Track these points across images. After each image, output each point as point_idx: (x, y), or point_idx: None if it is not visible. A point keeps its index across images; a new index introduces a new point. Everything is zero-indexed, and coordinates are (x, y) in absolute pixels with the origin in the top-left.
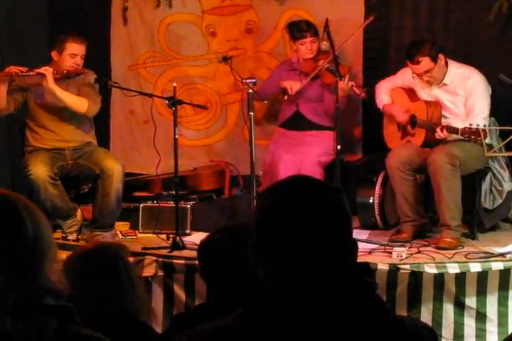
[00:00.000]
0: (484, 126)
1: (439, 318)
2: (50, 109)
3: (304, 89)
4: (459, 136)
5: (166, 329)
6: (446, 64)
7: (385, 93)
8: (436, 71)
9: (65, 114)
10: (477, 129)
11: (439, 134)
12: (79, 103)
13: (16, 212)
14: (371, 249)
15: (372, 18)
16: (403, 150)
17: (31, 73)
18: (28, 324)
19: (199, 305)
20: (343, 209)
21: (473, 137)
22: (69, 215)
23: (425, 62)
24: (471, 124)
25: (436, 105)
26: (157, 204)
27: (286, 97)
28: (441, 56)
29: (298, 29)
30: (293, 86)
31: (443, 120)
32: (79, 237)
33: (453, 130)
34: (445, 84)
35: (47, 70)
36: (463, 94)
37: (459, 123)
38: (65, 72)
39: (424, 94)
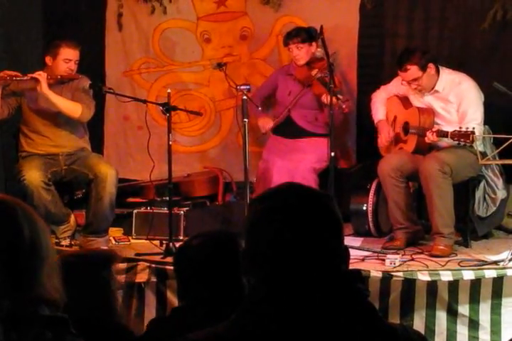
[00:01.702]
0: (473, 129)
1: (432, 326)
2: (43, 114)
3: (300, 95)
4: (449, 140)
5: (144, 333)
6: (438, 72)
7: (380, 104)
8: (424, 80)
9: (59, 120)
10: (466, 132)
11: (429, 137)
12: (73, 108)
13: (14, 216)
14: (364, 256)
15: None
16: (395, 157)
17: (25, 78)
18: (22, 334)
19: (174, 309)
20: (334, 216)
21: (462, 140)
22: (62, 221)
23: (413, 70)
24: (460, 127)
25: (429, 112)
26: (150, 210)
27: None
28: (431, 65)
29: (285, 36)
30: (266, 125)
31: (436, 127)
32: (72, 243)
33: (443, 133)
34: (437, 91)
35: (40, 75)
36: (455, 101)
37: (451, 129)
38: (58, 77)
39: (417, 101)
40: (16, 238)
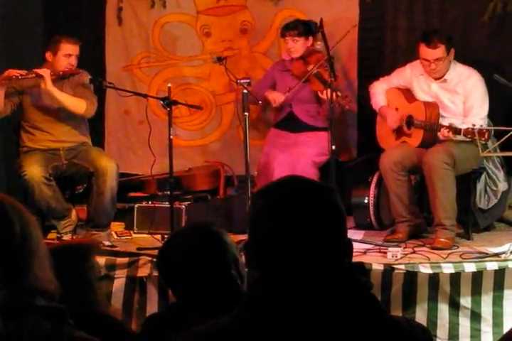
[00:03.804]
0: (481, 126)
1: (434, 318)
2: (45, 110)
3: (297, 90)
4: (461, 137)
5: (140, 331)
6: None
7: (380, 94)
8: (445, 63)
9: (60, 115)
10: (481, 130)
11: (443, 134)
12: (77, 104)
13: (3, 211)
14: (366, 249)
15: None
16: (396, 150)
17: (30, 76)
18: (20, 324)
19: (169, 305)
20: (337, 209)
21: (475, 138)
22: (64, 216)
23: (441, 49)
24: (474, 125)
25: (434, 106)
26: (152, 205)
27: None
28: (452, 51)
29: (283, 27)
30: (276, 98)
31: (441, 119)
32: (74, 237)
33: (455, 130)
34: (445, 80)
35: (45, 72)
36: (462, 93)
37: (458, 124)
38: (61, 73)
39: (422, 92)
40: (7, 232)
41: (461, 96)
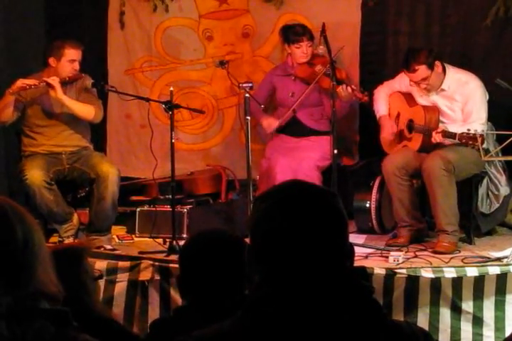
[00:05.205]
0: (482, 131)
1: (436, 323)
2: (47, 115)
3: (308, 93)
4: (456, 141)
5: (146, 336)
6: (444, 70)
7: (382, 99)
8: (433, 78)
9: (62, 120)
10: (474, 135)
11: (435, 138)
12: (86, 110)
13: (5, 215)
14: (368, 254)
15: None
16: (399, 155)
17: (41, 85)
18: (24, 328)
19: (176, 309)
20: (339, 213)
21: (470, 143)
22: (65, 220)
23: (422, 70)
24: (469, 130)
25: (434, 110)
26: (154, 209)
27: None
28: (437, 63)
29: (294, 32)
30: (271, 124)
31: (440, 125)
32: (75, 241)
33: (450, 135)
34: (443, 90)
35: (54, 80)
36: (460, 100)
37: (455, 128)
38: (67, 78)
39: (423, 100)
40: (9, 236)
41: (460, 104)
